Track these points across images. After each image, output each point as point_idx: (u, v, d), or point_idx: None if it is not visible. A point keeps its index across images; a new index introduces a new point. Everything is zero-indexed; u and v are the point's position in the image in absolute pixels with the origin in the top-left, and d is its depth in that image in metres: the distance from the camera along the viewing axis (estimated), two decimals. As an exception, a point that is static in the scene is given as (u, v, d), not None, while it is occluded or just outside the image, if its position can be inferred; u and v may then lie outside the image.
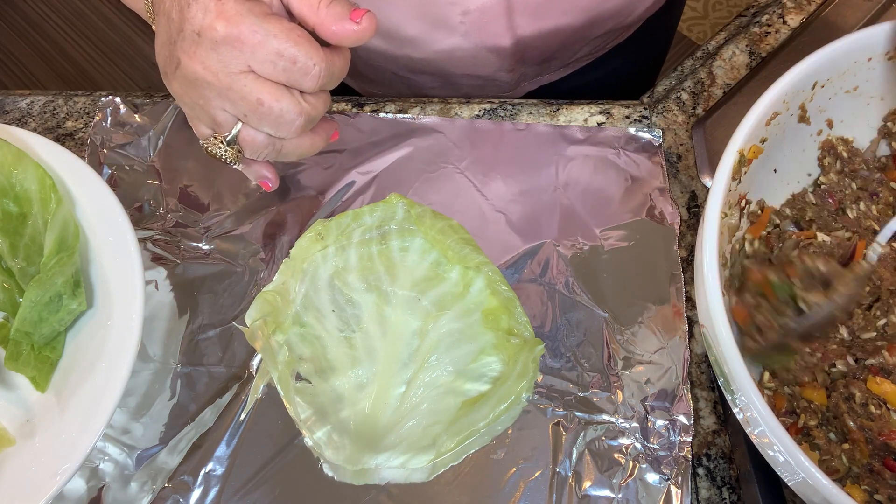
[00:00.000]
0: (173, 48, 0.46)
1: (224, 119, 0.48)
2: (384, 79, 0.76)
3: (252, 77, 0.45)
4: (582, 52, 0.75)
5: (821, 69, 0.51)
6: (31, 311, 0.52)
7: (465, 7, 0.62)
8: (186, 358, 0.57)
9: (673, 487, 0.51)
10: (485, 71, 0.71)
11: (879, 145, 0.57)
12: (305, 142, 0.51)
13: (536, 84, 0.79)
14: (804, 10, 0.75)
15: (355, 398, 0.55)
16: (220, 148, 0.49)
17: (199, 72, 0.45)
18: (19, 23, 2.19)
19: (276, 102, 0.46)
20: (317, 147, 0.53)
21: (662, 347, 0.56)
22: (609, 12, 0.68)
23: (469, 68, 0.71)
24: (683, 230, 0.62)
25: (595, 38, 0.72)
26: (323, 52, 0.46)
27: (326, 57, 0.46)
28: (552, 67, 0.76)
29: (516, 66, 0.72)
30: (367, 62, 0.72)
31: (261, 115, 0.46)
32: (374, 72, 0.75)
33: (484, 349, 0.56)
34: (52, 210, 0.54)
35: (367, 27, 0.46)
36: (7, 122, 0.71)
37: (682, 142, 0.68)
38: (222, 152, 0.49)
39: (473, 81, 0.74)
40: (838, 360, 0.49)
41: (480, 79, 0.73)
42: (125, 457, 0.54)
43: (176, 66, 0.46)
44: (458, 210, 0.63)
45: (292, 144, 0.50)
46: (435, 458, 0.52)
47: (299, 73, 0.45)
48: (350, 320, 0.58)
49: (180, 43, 0.45)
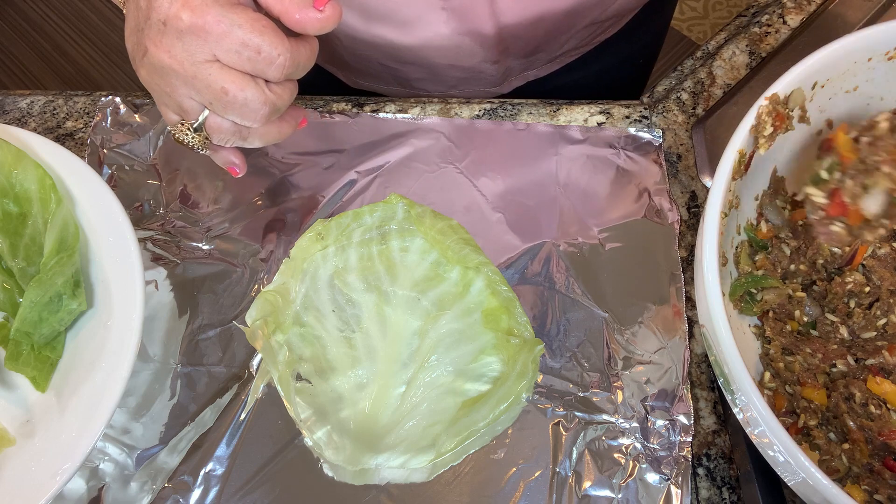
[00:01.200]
0: (141, 36, 0.47)
1: (190, 106, 0.49)
2: (371, 69, 0.76)
3: (217, 66, 0.46)
4: (568, 46, 0.75)
5: (821, 69, 0.51)
6: (31, 311, 0.52)
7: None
8: (186, 358, 0.57)
9: (673, 487, 0.51)
10: (469, 62, 0.71)
11: (879, 145, 0.57)
12: (272, 129, 0.51)
13: (523, 80, 0.78)
14: (804, 10, 0.75)
15: (355, 398, 0.55)
16: (186, 135, 0.50)
17: (166, 60, 0.46)
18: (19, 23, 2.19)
19: (241, 92, 0.47)
20: (284, 134, 0.53)
21: (662, 347, 0.56)
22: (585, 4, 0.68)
23: (453, 58, 0.71)
24: (683, 230, 0.62)
25: (579, 29, 0.72)
26: (288, 41, 0.46)
27: (291, 47, 0.46)
28: (538, 62, 0.76)
29: (501, 57, 0.72)
30: (352, 52, 0.71)
31: (226, 104, 0.47)
32: (360, 62, 0.75)
33: (484, 349, 0.56)
34: (52, 210, 0.54)
35: (330, 15, 0.47)
36: (7, 122, 0.71)
37: (682, 142, 0.68)
38: (189, 139, 0.50)
39: (458, 73, 0.74)
40: (838, 360, 0.49)
41: (465, 70, 0.73)
42: (125, 457, 0.54)
43: (143, 53, 0.47)
44: (458, 210, 0.63)
45: (259, 132, 0.51)
46: (435, 458, 0.52)
47: (264, 62, 0.46)
48: (350, 320, 0.58)
49: (147, 31, 0.46)
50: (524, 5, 0.65)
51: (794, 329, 0.52)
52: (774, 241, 0.54)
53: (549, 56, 0.75)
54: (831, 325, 0.51)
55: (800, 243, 0.53)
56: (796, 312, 0.52)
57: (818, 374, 0.49)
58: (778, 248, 0.53)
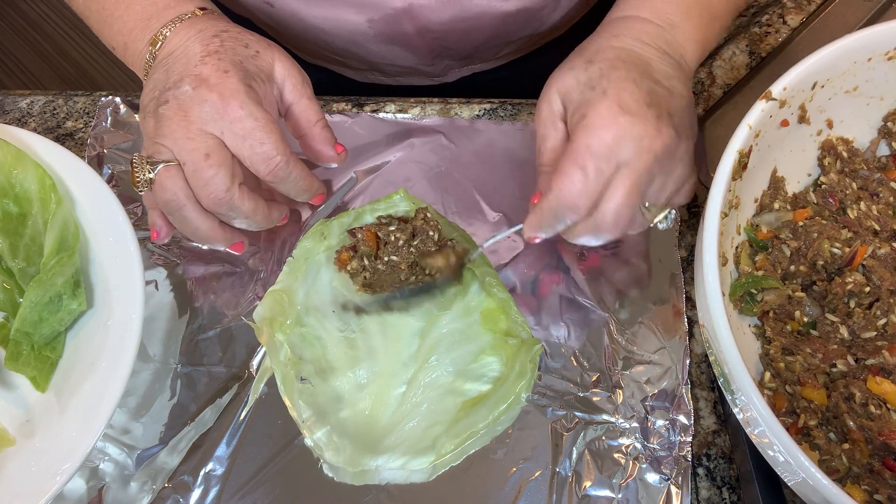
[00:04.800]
0: (166, 93, 0.50)
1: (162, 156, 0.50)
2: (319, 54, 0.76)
3: (215, 141, 0.49)
4: (507, 50, 0.74)
5: (821, 69, 0.51)
6: (31, 311, 0.51)
7: (371, 15, 0.64)
8: (186, 358, 0.57)
9: (673, 487, 0.51)
10: (405, 62, 0.73)
11: (879, 145, 0.57)
12: (204, 223, 0.52)
13: (469, 72, 0.78)
14: (804, 10, 0.75)
15: (355, 398, 0.55)
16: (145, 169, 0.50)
17: (179, 115, 0.49)
18: (19, 23, 2.19)
19: (218, 168, 0.49)
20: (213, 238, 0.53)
21: (662, 347, 0.56)
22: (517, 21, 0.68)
23: (389, 59, 0.72)
24: (683, 230, 0.62)
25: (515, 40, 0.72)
26: (290, 154, 0.50)
27: (291, 159, 0.51)
28: (479, 61, 0.75)
29: (435, 60, 0.73)
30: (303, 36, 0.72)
31: (197, 169, 0.49)
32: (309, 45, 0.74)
33: (484, 350, 0.56)
34: (52, 210, 0.54)
35: (341, 160, 0.56)
36: (7, 122, 0.71)
37: (682, 142, 0.67)
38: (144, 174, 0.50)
39: (398, 70, 0.75)
40: (838, 360, 0.49)
41: (403, 68, 0.74)
42: (125, 457, 0.54)
43: (163, 103, 0.49)
44: (458, 210, 0.63)
45: (192, 216, 0.51)
46: (435, 459, 0.52)
47: (261, 156, 0.50)
48: (350, 321, 0.58)
49: (175, 91, 0.49)
50: (447, 23, 0.65)
51: (795, 329, 0.52)
52: (774, 241, 0.54)
53: (488, 58, 0.75)
54: (831, 325, 0.51)
55: (800, 244, 0.53)
56: (796, 313, 0.52)
57: (818, 374, 0.49)
58: (778, 249, 0.53)
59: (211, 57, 0.50)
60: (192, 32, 0.52)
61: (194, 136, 0.49)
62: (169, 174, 0.49)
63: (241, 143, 0.49)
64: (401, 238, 0.55)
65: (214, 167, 0.49)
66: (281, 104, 0.54)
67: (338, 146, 0.56)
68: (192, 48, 0.51)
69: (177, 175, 0.49)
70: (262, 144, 0.49)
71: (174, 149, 0.49)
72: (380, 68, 0.75)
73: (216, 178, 0.49)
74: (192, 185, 0.50)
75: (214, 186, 0.49)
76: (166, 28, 0.53)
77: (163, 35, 0.52)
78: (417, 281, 0.56)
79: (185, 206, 0.50)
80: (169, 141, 0.49)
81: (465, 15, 0.64)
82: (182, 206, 0.50)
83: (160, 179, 0.50)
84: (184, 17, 0.53)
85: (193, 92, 0.49)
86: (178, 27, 0.52)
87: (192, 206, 0.50)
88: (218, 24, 0.53)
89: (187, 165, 0.49)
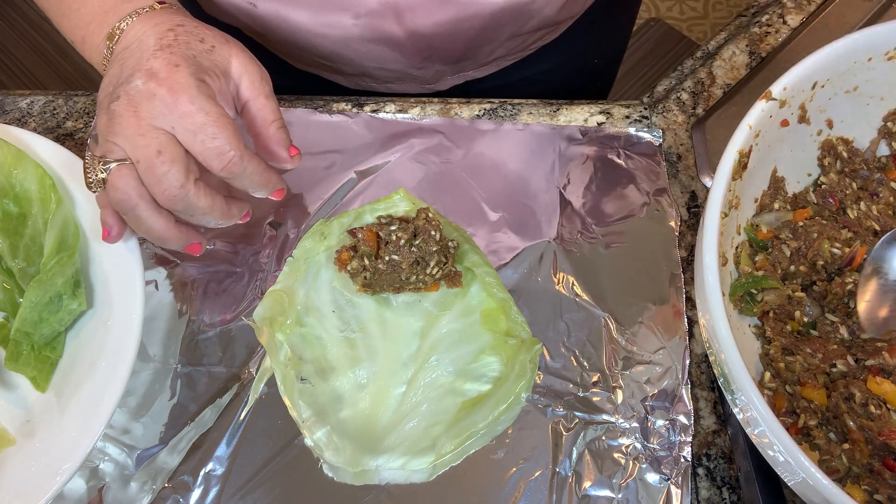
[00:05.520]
0: (118, 88, 0.49)
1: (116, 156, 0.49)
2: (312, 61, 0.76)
3: (166, 137, 0.48)
4: (497, 54, 0.74)
5: (821, 69, 0.51)
6: (31, 312, 0.51)
7: (356, 11, 0.63)
8: (186, 358, 0.57)
9: (673, 487, 0.51)
10: (394, 66, 0.72)
11: (879, 145, 0.57)
12: (158, 222, 0.50)
13: (462, 79, 0.77)
14: (804, 10, 0.75)
15: (355, 398, 0.55)
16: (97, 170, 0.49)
17: (129, 111, 0.48)
18: (19, 23, 2.19)
19: (170, 164, 0.47)
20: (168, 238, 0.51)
21: (662, 347, 0.56)
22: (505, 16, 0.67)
23: (378, 63, 0.71)
24: (683, 230, 0.62)
25: (503, 41, 0.71)
26: (244, 148, 0.49)
27: (245, 154, 0.49)
28: (470, 66, 0.75)
29: (425, 64, 0.72)
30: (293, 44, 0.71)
31: (150, 166, 0.47)
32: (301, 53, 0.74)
33: (483, 350, 0.56)
34: (52, 210, 0.54)
35: (294, 163, 0.54)
36: (7, 122, 0.71)
37: (682, 142, 0.68)
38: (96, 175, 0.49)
39: (388, 74, 0.74)
40: (838, 360, 0.49)
41: (394, 72, 0.73)
42: (125, 457, 0.54)
43: (114, 99, 0.48)
44: (458, 210, 0.63)
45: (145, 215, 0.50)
46: (435, 459, 0.52)
47: (214, 151, 0.48)
48: (350, 321, 0.58)
49: (126, 86, 0.48)
50: (434, 20, 0.64)
51: (794, 329, 0.52)
52: (774, 241, 0.54)
53: (479, 63, 0.75)
54: (831, 325, 0.51)
55: (800, 244, 0.53)
56: (796, 313, 0.52)
57: (818, 374, 0.49)
58: (778, 249, 0.53)
59: (163, 51, 0.49)
60: (148, 26, 0.50)
61: (145, 133, 0.47)
62: (121, 173, 0.48)
63: (192, 139, 0.48)
64: (402, 238, 0.55)
65: (167, 163, 0.47)
66: (238, 100, 0.53)
67: (292, 149, 0.53)
68: (146, 42, 0.50)
69: (129, 174, 0.48)
70: (214, 139, 0.48)
71: (126, 147, 0.48)
72: (371, 73, 0.74)
73: (169, 174, 0.47)
74: (146, 182, 0.48)
75: (168, 183, 0.48)
76: (123, 22, 0.51)
77: (119, 29, 0.51)
78: (417, 282, 0.56)
79: (137, 205, 0.49)
80: (120, 139, 0.48)
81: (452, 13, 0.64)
82: (135, 205, 0.49)
83: (112, 179, 0.48)
84: (141, 10, 0.52)
85: (143, 87, 0.47)
86: (135, 21, 0.51)
87: (146, 206, 0.49)
88: (175, 17, 0.52)
89: (140, 163, 0.48)
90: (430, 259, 0.55)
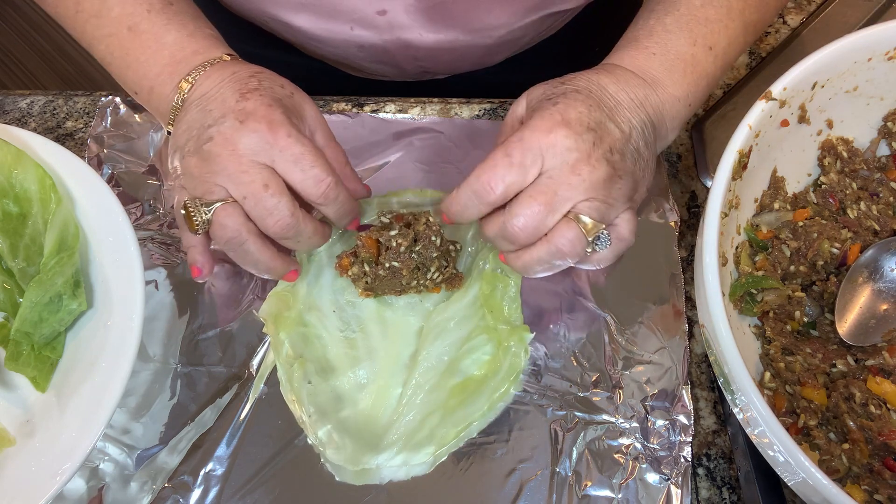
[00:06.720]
0: (208, 129, 0.50)
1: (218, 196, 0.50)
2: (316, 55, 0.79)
3: (269, 171, 0.50)
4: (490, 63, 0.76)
5: (821, 69, 0.51)
6: (31, 312, 0.51)
7: (360, 43, 0.67)
8: (186, 358, 0.57)
9: (673, 487, 0.51)
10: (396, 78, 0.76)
11: (879, 145, 0.57)
12: (265, 254, 0.53)
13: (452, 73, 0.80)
14: (804, 10, 0.75)
15: (355, 398, 0.55)
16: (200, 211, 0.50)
17: (227, 150, 0.49)
18: (19, 23, 2.19)
19: (279, 196, 0.50)
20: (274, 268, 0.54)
21: (662, 347, 0.56)
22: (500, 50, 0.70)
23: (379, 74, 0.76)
24: (683, 230, 0.62)
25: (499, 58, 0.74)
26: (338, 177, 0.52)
27: (338, 181, 0.52)
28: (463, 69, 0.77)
29: (421, 75, 0.76)
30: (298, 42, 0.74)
31: (258, 200, 0.50)
32: None
33: (475, 333, 0.56)
34: (52, 210, 0.54)
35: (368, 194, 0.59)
36: (7, 122, 0.71)
37: (682, 142, 0.68)
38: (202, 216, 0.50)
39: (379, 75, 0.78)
40: (838, 360, 0.49)
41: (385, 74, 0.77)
42: (125, 457, 0.54)
43: (205, 140, 0.50)
44: (458, 210, 0.63)
45: (254, 249, 0.52)
46: (435, 450, 0.52)
47: (313, 179, 0.51)
48: (351, 321, 0.58)
49: (219, 126, 0.50)
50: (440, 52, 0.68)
51: (794, 329, 0.52)
52: (774, 241, 0.54)
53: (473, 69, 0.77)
54: (831, 324, 0.51)
55: (800, 244, 0.53)
56: (796, 313, 0.52)
57: (818, 374, 0.49)
58: (778, 249, 0.53)
59: (252, 94, 0.51)
60: (226, 74, 0.53)
61: (247, 169, 0.49)
62: (227, 212, 0.50)
63: (292, 168, 0.50)
64: (402, 244, 0.55)
65: (276, 195, 0.50)
66: None
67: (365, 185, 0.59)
68: (227, 88, 0.52)
69: (235, 212, 0.50)
70: (313, 167, 0.50)
71: (228, 185, 0.50)
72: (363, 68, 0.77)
73: (280, 205, 0.50)
74: (256, 216, 0.50)
75: (280, 213, 0.50)
76: (196, 72, 0.54)
77: (194, 78, 0.54)
78: (419, 286, 0.56)
79: (247, 240, 0.51)
80: (221, 178, 0.50)
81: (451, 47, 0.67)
82: (244, 240, 0.51)
83: (219, 219, 0.50)
84: (212, 61, 0.54)
85: (241, 125, 0.49)
86: (209, 70, 0.54)
87: (254, 240, 0.51)
88: (250, 67, 0.55)
89: (247, 199, 0.50)
90: (430, 264, 0.55)
